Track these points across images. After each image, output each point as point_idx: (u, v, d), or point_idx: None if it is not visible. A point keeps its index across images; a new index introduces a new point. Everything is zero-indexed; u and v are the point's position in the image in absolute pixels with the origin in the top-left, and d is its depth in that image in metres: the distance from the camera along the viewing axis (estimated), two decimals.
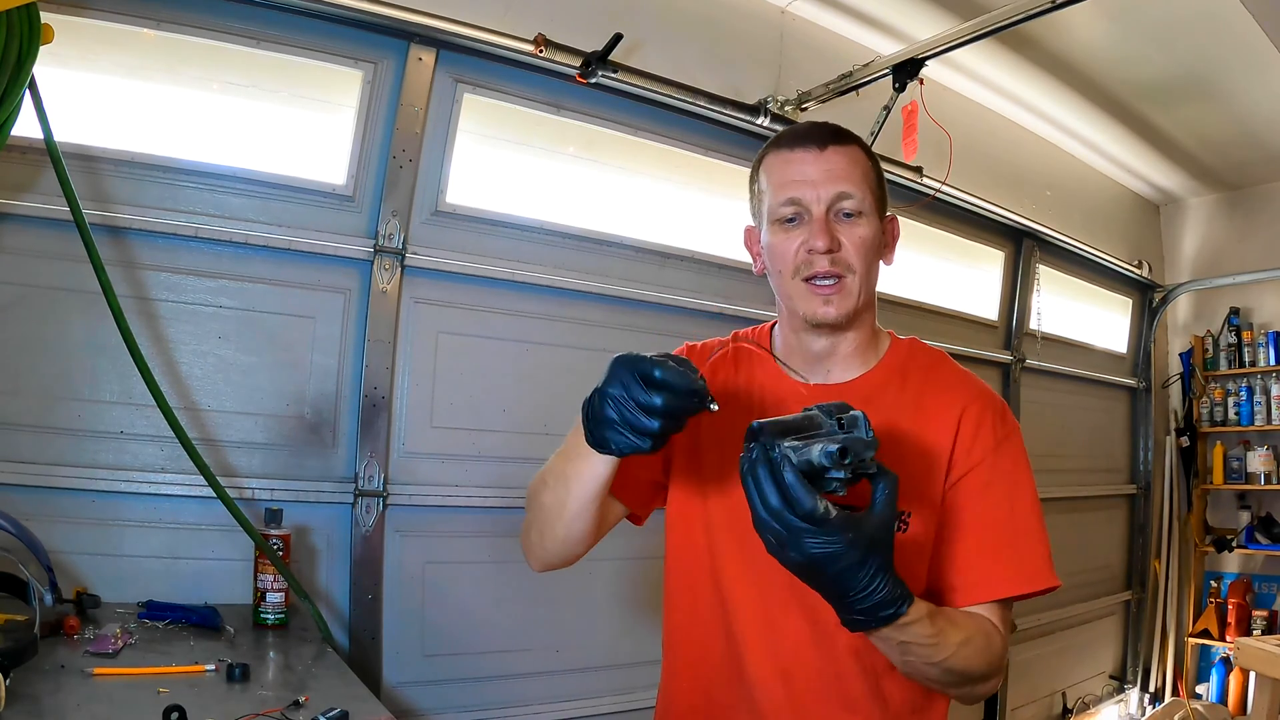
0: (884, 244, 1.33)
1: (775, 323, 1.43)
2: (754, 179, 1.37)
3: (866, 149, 1.32)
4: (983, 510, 1.22)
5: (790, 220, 1.28)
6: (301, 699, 1.47)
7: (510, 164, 2.87)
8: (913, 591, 1.04)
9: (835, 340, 1.31)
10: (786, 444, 0.93)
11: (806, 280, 1.26)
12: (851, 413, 0.98)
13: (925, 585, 1.24)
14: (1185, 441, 5.38)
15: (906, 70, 3.00)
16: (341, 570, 2.48)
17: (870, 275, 1.29)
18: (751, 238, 1.40)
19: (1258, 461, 5.07)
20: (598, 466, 1.18)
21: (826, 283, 1.25)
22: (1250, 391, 5.17)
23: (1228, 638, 4.95)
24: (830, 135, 1.28)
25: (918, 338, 1.40)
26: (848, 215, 1.26)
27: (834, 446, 0.91)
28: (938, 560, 1.24)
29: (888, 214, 1.34)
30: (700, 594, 1.34)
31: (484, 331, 2.74)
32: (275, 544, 2.08)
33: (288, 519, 2.19)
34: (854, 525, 0.94)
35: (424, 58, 2.57)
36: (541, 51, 2.61)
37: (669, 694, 1.42)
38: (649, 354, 1.04)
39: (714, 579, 1.32)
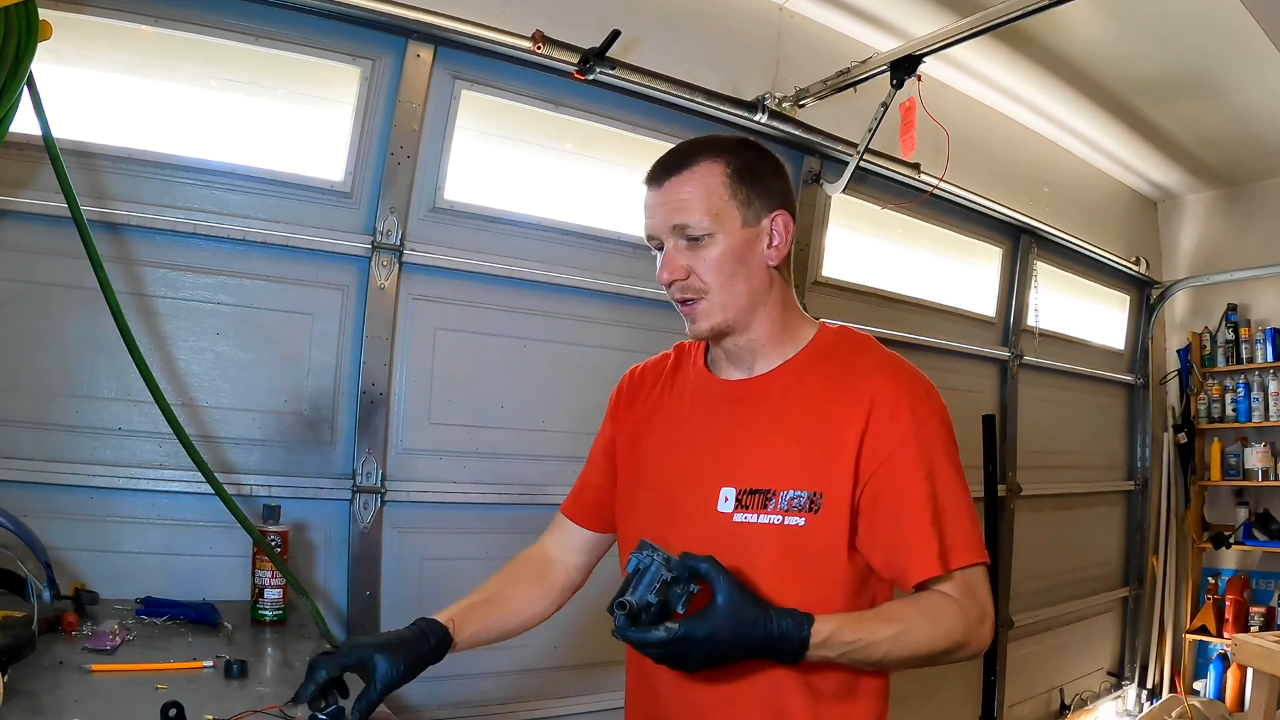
0: (768, 244, 1.35)
1: None
2: None
3: (729, 156, 1.33)
4: (909, 492, 1.25)
5: (658, 249, 1.37)
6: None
7: (508, 160, 2.87)
8: (836, 566, 1.25)
9: (734, 341, 1.38)
10: (615, 617, 1.15)
11: (676, 302, 1.37)
12: (642, 558, 1.16)
13: (849, 558, 1.28)
14: (1183, 438, 5.39)
15: (904, 67, 3.00)
16: (339, 567, 2.48)
17: (732, 288, 1.32)
18: None
19: (1255, 458, 5.08)
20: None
21: (686, 305, 1.35)
22: (1248, 388, 5.18)
23: (1225, 634, 4.96)
24: (668, 167, 1.34)
25: (849, 326, 1.43)
26: (695, 239, 1.32)
27: (623, 599, 1.14)
28: (880, 546, 1.27)
29: (771, 214, 1.34)
30: None
31: (482, 328, 2.74)
32: (273, 540, 2.08)
33: (286, 515, 2.19)
34: (706, 619, 1.12)
35: (422, 54, 2.57)
36: (539, 48, 2.61)
37: (631, 691, 1.51)
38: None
39: None
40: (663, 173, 1.35)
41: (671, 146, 1.38)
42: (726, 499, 1.31)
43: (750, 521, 1.28)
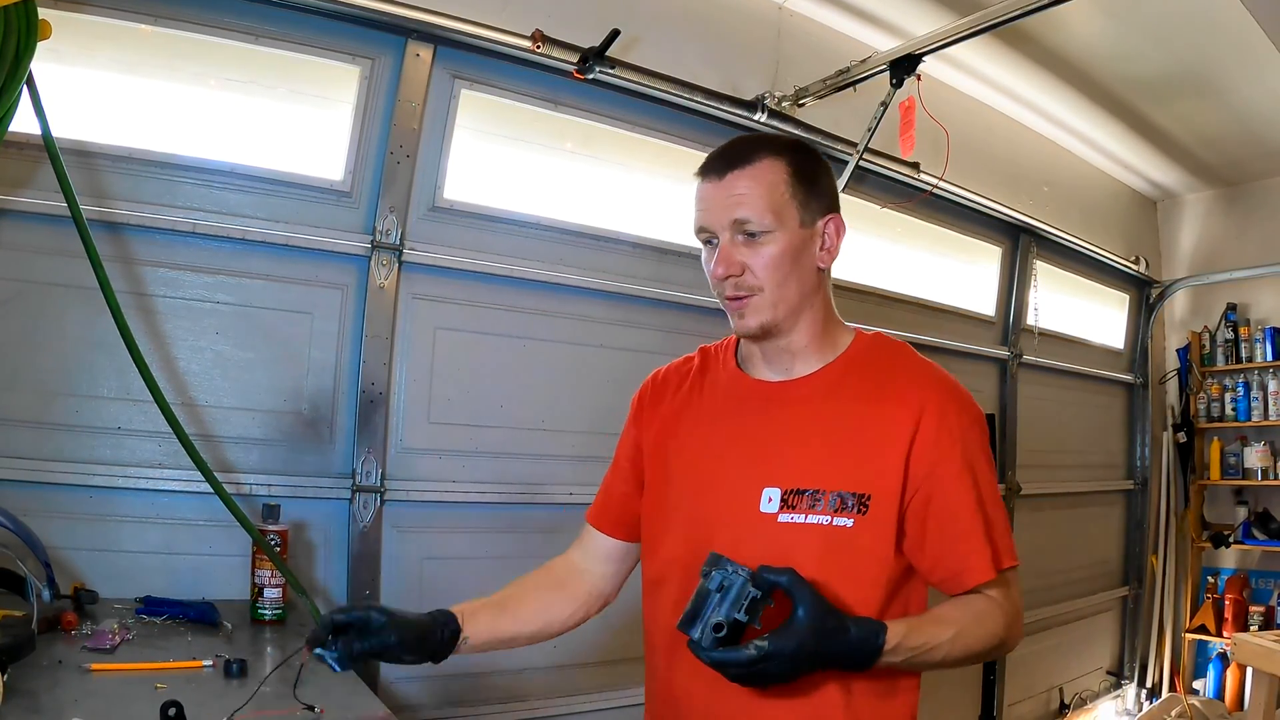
0: (821, 248, 1.36)
1: None
2: None
3: (791, 155, 1.34)
4: (963, 499, 1.28)
5: (707, 242, 1.36)
6: (318, 709, 1.45)
7: (508, 160, 2.87)
8: (883, 567, 1.26)
9: (777, 343, 1.37)
10: (695, 634, 1.12)
11: (725, 298, 1.35)
12: (726, 574, 1.13)
13: (894, 560, 1.29)
14: (1182, 437, 5.39)
15: (904, 66, 3.00)
16: (339, 566, 2.48)
17: (785, 287, 1.32)
18: None
19: (1255, 457, 5.08)
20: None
21: (736, 301, 1.33)
22: (1247, 387, 5.18)
23: (1225, 633, 4.96)
24: (730, 160, 1.32)
25: (883, 332, 1.44)
26: (752, 235, 1.31)
27: (712, 627, 1.11)
28: (933, 550, 1.28)
29: (825, 217, 1.35)
30: (675, 568, 1.39)
31: (481, 327, 2.74)
32: (273, 540, 2.08)
33: (285, 515, 2.19)
34: (791, 633, 1.11)
35: (421, 54, 2.57)
36: (539, 47, 2.61)
37: (650, 692, 1.51)
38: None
39: (685, 558, 1.36)
40: (723, 166, 1.32)
41: (726, 141, 1.37)
42: (770, 499, 1.30)
43: (796, 522, 1.27)
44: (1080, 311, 5.12)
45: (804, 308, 1.35)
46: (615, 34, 2.62)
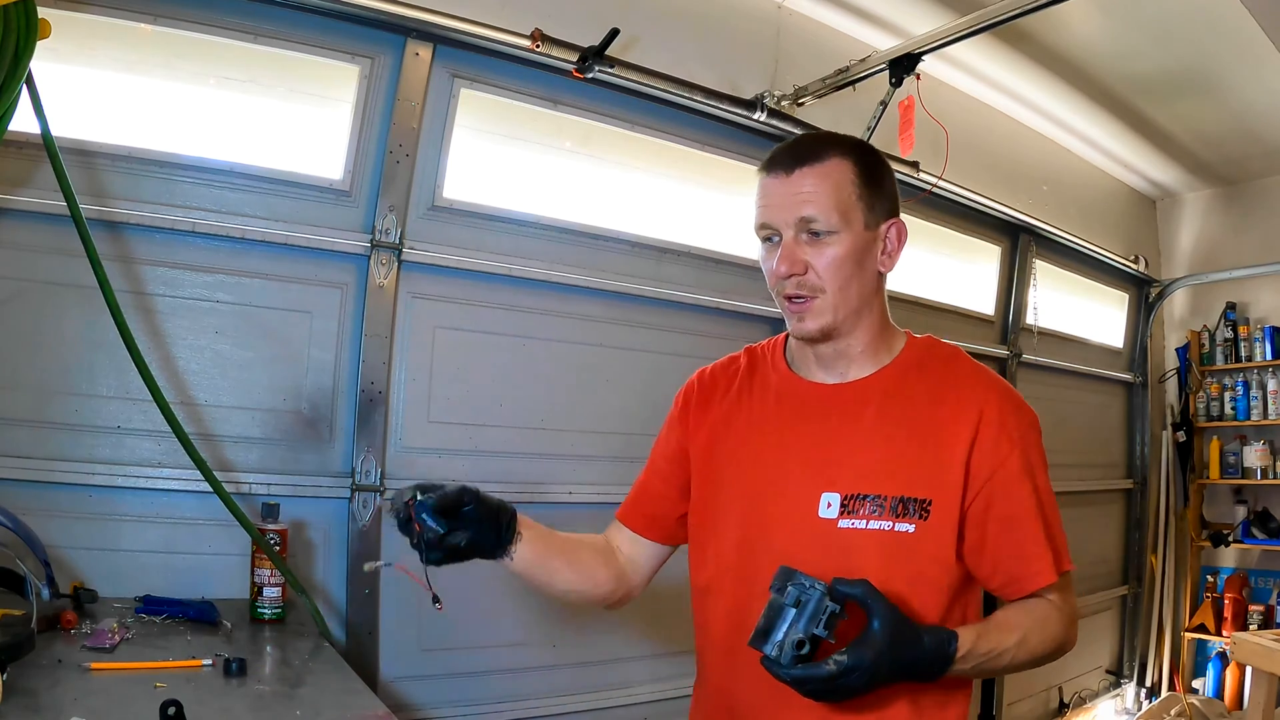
0: (881, 250, 1.34)
1: (787, 333, 1.45)
2: None
3: (858, 156, 1.32)
4: (1023, 502, 1.28)
5: (769, 240, 1.33)
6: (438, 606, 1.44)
7: (507, 159, 2.86)
8: (943, 572, 1.25)
9: (835, 345, 1.35)
10: (772, 651, 1.10)
11: (785, 297, 1.33)
12: (803, 589, 1.11)
13: (956, 565, 1.28)
14: (1182, 436, 5.39)
15: (903, 65, 3.00)
16: (338, 565, 2.48)
17: (847, 290, 1.30)
18: None
19: (1254, 456, 5.08)
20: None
21: (797, 302, 1.31)
22: (1247, 386, 5.18)
23: (1224, 632, 4.96)
24: (798, 157, 1.30)
25: (935, 336, 1.43)
26: (817, 234, 1.28)
27: (791, 644, 1.09)
28: (993, 554, 1.28)
29: (889, 221, 1.34)
30: (727, 577, 1.38)
31: (481, 326, 2.74)
32: (272, 539, 2.08)
33: (285, 514, 2.18)
34: (867, 646, 1.09)
35: (421, 52, 2.56)
36: (538, 46, 2.61)
37: (700, 697, 1.48)
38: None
39: (740, 566, 1.36)
40: (791, 162, 1.30)
41: (795, 138, 1.38)
42: (830, 504, 1.28)
43: (857, 528, 1.26)
44: (1079, 310, 5.12)
45: (863, 311, 1.33)
46: (615, 33, 2.62)
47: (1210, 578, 5.28)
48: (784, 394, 1.40)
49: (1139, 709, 5.20)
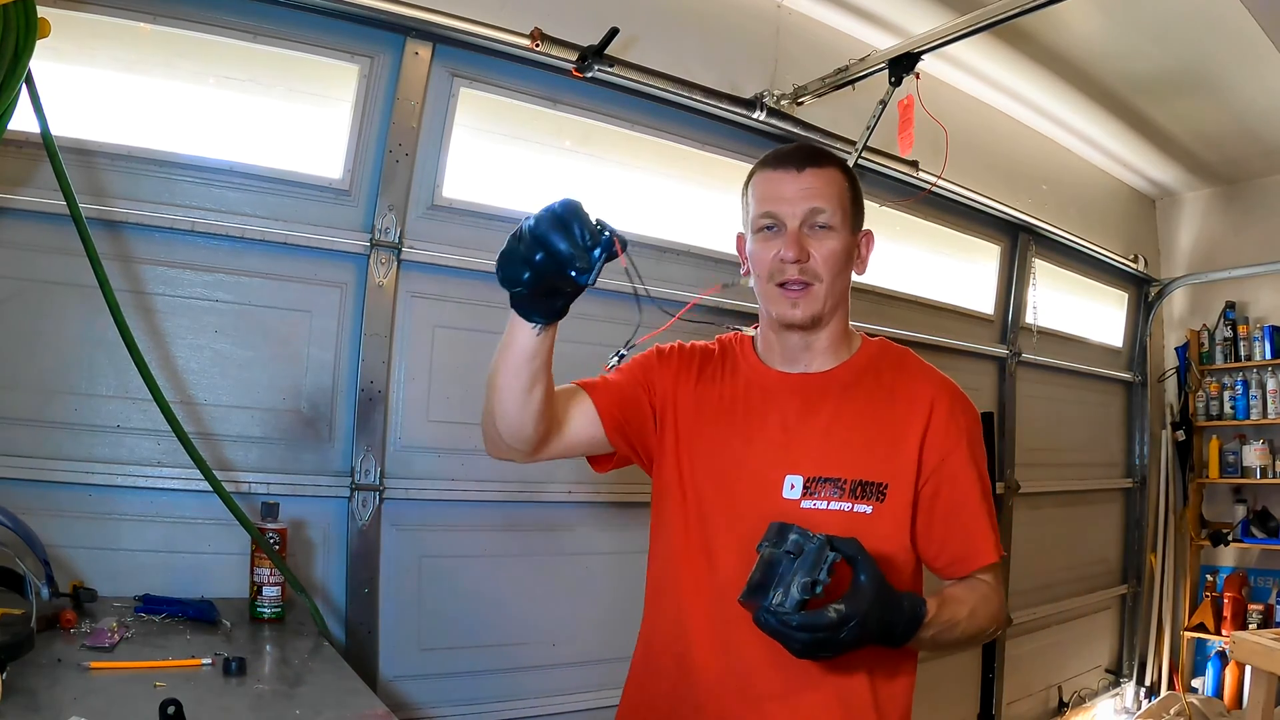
0: (857, 256, 1.50)
1: (756, 326, 1.59)
2: (744, 193, 1.52)
3: (847, 171, 1.49)
4: (966, 489, 1.41)
5: (769, 229, 1.44)
6: None
7: (506, 158, 2.86)
8: (898, 551, 1.36)
9: (807, 338, 1.47)
10: (773, 603, 1.11)
11: (780, 285, 1.43)
12: (804, 537, 1.15)
13: (910, 545, 1.41)
14: (1181, 435, 5.39)
15: (902, 65, 3.00)
16: (338, 564, 2.48)
17: (837, 283, 1.44)
18: (740, 244, 1.57)
19: (1253, 455, 5.09)
20: (519, 328, 1.37)
21: (795, 288, 1.42)
22: (1246, 385, 5.18)
23: (1223, 631, 4.97)
24: (808, 158, 1.45)
25: (884, 338, 1.56)
26: (820, 227, 1.42)
27: (798, 589, 1.12)
28: (941, 534, 1.41)
29: (862, 230, 1.51)
30: (692, 551, 1.45)
31: (480, 325, 2.73)
32: (272, 538, 2.08)
33: (284, 513, 2.18)
34: (859, 597, 1.15)
35: (420, 52, 2.56)
36: (538, 46, 2.61)
37: (649, 649, 1.53)
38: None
39: (704, 541, 1.44)
40: (801, 161, 1.44)
41: (794, 146, 1.52)
42: (793, 486, 1.38)
43: (819, 508, 1.36)
44: (1079, 310, 5.12)
45: (839, 307, 1.47)
46: (614, 32, 2.62)
47: (1210, 577, 5.29)
48: (752, 382, 1.50)
49: (1138, 708, 5.21)
